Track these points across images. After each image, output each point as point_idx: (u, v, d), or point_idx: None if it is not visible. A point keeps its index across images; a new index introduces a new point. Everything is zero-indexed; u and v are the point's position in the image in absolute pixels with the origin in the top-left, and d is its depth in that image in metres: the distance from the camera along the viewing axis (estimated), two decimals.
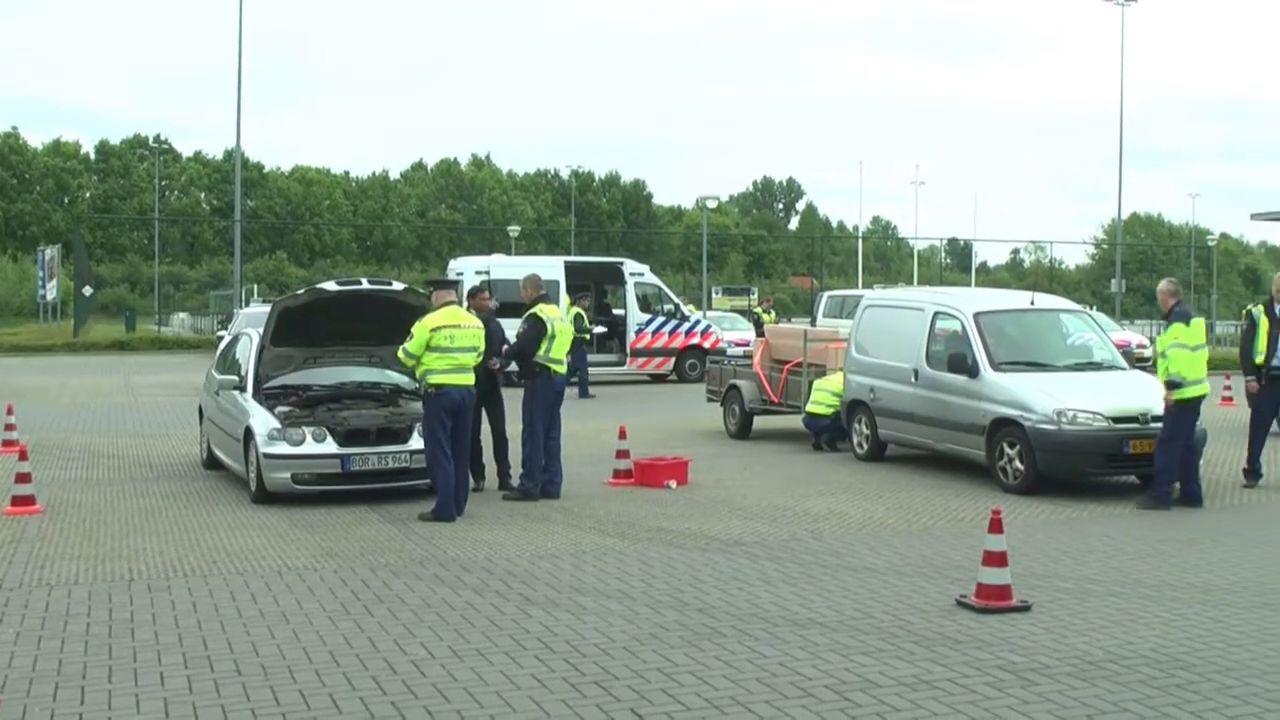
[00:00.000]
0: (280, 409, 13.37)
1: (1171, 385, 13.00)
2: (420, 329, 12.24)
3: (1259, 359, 14.52)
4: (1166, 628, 8.16)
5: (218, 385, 14.84)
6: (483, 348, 12.78)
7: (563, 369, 13.63)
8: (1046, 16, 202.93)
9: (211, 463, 15.37)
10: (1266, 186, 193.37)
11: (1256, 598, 9.07)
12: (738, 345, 33.37)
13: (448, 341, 12.22)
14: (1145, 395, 13.87)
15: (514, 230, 76.81)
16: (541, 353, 13.37)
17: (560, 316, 13.79)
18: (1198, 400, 13.11)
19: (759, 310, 43.35)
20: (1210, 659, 7.44)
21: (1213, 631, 8.08)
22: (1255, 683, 6.98)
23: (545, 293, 14.05)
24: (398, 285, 14.70)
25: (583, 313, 29.65)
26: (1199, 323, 13.38)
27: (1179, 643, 7.79)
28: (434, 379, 12.20)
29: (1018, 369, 14.51)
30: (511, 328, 14.45)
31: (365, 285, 14.61)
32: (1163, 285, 13.79)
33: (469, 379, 12.45)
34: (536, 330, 13.38)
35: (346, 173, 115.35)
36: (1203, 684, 6.94)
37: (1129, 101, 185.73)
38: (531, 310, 13.55)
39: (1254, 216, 39.70)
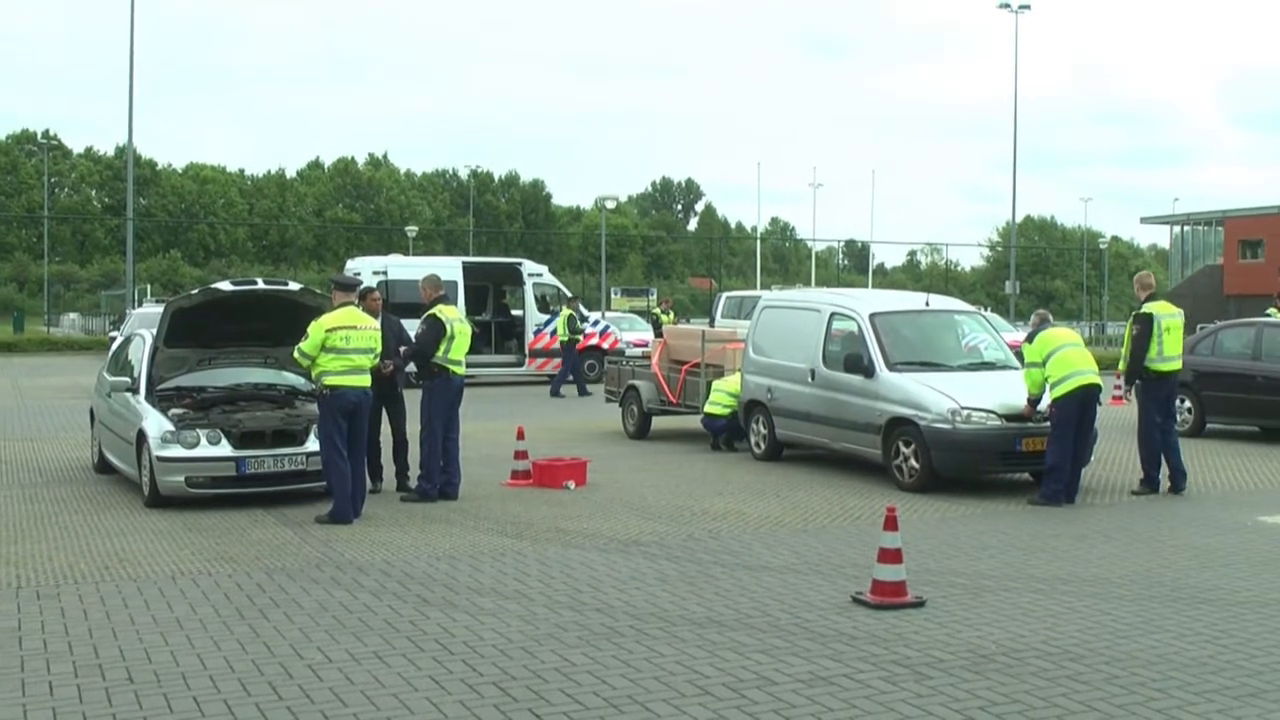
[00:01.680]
0: (174, 411, 13.18)
1: (1032, 403, 13.60)
2: (316, 329, 12.13)
3: (1165, 365, 14.28)
4: (1057, 621, 8.32)
5: (110, 387, 14.62)
6: (379, 349, 12.69)
7: (461, 369, 13.58)
8: (943, 20, 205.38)
9: (103, 466, 15.12)
10: (1156, 190, 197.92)
11: (1143, 590, 9.27)
12: (636, 346, 33.46)
13: (343, 342, 12.12)
14: None
15: (412, 230, 76.41)
16: (440, 353, 13.31)
17: (459, 317, 13.71)
18: (1076, 392, 13.36)
19: (658, 311, 43.47)
20: (1099, 650, 7.60)
21: (1101, 624, 8.25)
22: (1141, 672, 7.14)
23: (445, 293, 13.99)
24: (294, 285, 14.54)
25: (575, 315, 29.74)
26: (1045, 335, 13.68)
27: (1069, 635, 7.95)
28: (329, 380, 12.09)
29: (913, 369, 14.69)
30: (411, 328, 14.40)
31: (260, 285, 14.45)
32: (1032, 317, 14.20)
33: (365, 380, 12.36)
34: (435, 331, 13.31)
35: (242, 171, 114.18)
36: (1091, 675, 7.09)
37: (1024, 106, 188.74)
38: (431, 311, 13.47)
39: (1144, 220, 40.82)
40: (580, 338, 30.27)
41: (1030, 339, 13.81)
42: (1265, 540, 11.36)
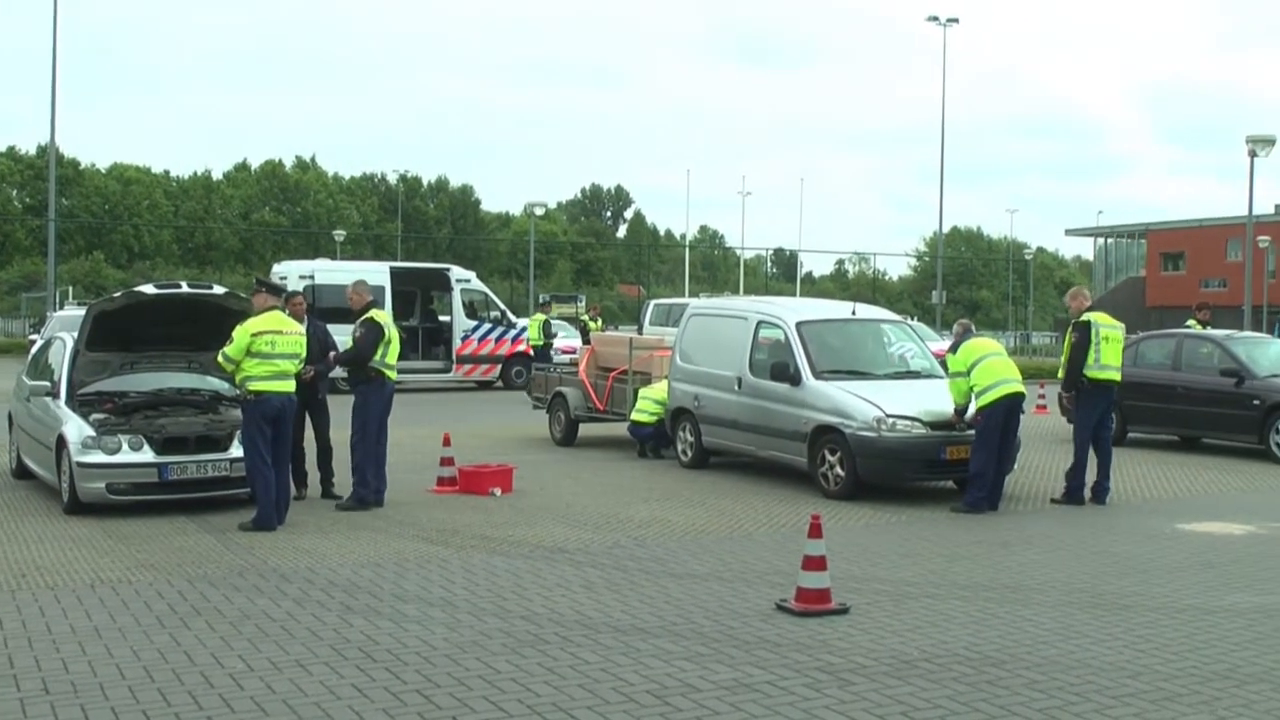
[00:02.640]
0: (95, 416, 13.01)
1: (959, 412, 13.75)
2: (241, 333, 12.02)
3: (1102, 374, 14.37)
4: (979, 627, 8.40)
5: (29, 391, 14.41)
6: (304, 354, 12.61)
7: (394, 374, 13.50)
8: (873, 32, 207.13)
9: (21, 472, 14.91)
10: (1081, 203, 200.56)
11: (1064, 596, 9.38)
12: (564, 353, 33.40)
13: (269, 347, 12.02)
14: None
15: (339, 235, 75.81)
16: (378, 357, 13.23)
17: (390, 322, 13.66)
18: (1002, 401, 13.49)
19: (586, 318, 43.44)
20: (1020, 655, 7.69)
21: (1022, 629, 8.34)
22: (1061, 677, 7.23)
23: (374, 299, 13.92)
24: (218, 289, 14.40)
25: (550, 321, 29.66)
26: (969, 345, 13.82)
27: (990, 641, 8.03)
28: (254, 385, 11.98)
29: (839, 377, 14.78)
30: (337, 333, 14.31)
31: (185, 289, 14.32)
32: (955, 327, 14.33)
33: (290, 386, 12.27)
34: (375, 334, 13.22)
35: (167, 172, 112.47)
36: (1012, 679, 7.17)
37: (952, 118, 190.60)
38: (367, 315, 13.38)
39: (1069, 231, 41.38)
40: (553, 343, 30.35)
41: (954, 349, 13.93)
42: (1183, 548, 11.54)
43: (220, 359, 12.22)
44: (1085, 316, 14.42)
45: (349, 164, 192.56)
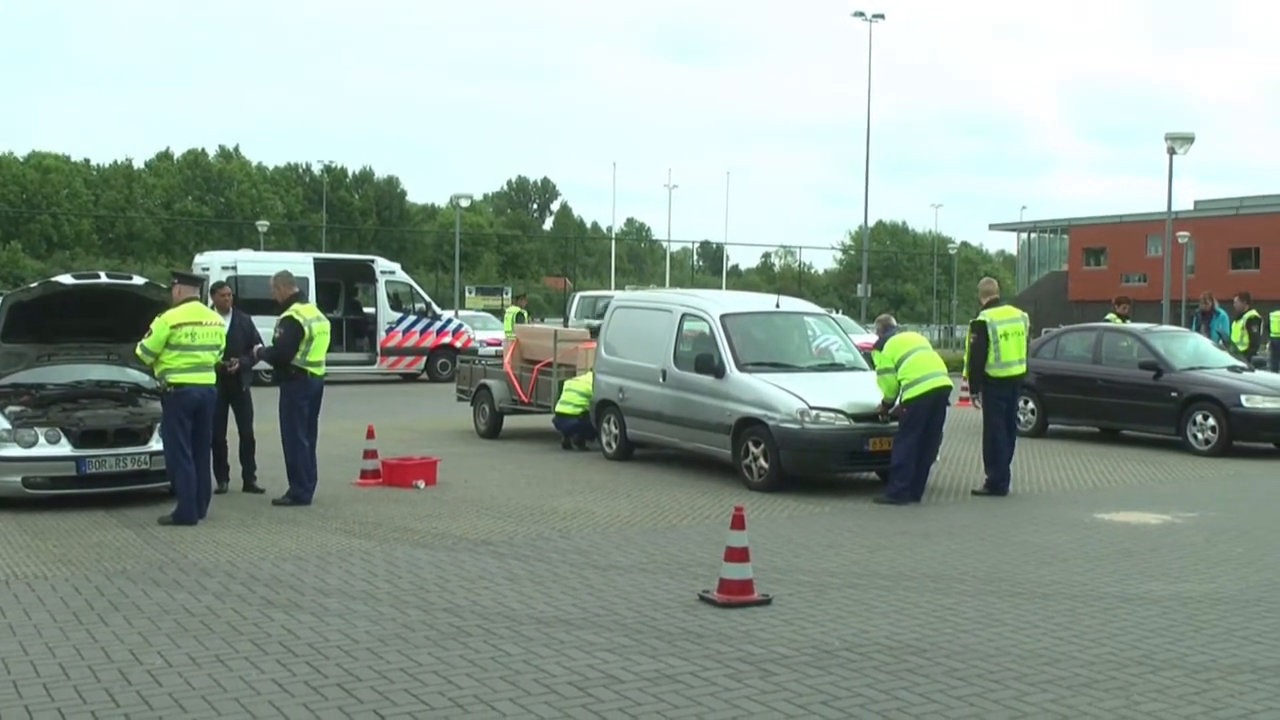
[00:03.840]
0: (11, 409, 12.79)
1: (886, 405, 13.85)
2: (160, 325, 11.87)
3: (1003, 371, 14.54)
4: (900, 616, 8.47)
5: None
6: (224, 345, 12.48)
7: (320, 370, 13.35)
8: (799, 25, 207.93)
9: None
10: (1004, 198, 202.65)
11: (984, 585, 9.48)
12: (490, 345, 33.34)
13: (189, 339, 11.88)
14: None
15: (263, 225, 75.00)
16: (299, 356, 13.10)
17: (317, 315, 13.47)
18: (929, 395, 13.60)
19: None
20: (939, 644, 7.76)
21: (943, 619, 8.42)
22: (979, 665, 7.31)
23: (299, 290, 13.76)
24: (138, 279, 14.21)
25: (524, 313, 29.46)
26: (895, 341, 13.87)
27: (911, 630, 8.10)
28: (174, 378, 11.84)
29: (763, 370, 14.85)
30: (261, 324, 14.16)
31: (104, 279, 14.11)
32: (875, 324, 14.44)
33: (210, 378, 12.14)
34: (294, 333, 13.06)
35: (87, 160, 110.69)
36: (932, 668, 7.24)
37: (879, 113, 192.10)
38: (287, 313, 13.21)
39: (992, 227, 41.79)
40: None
41: (880, 346, 13.99)
42: (1102, 537, 11.69)
43: (139, 351, 12.06)
44: (981, 316, 14.61)
45: (273, 154, 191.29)
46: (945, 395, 13.83)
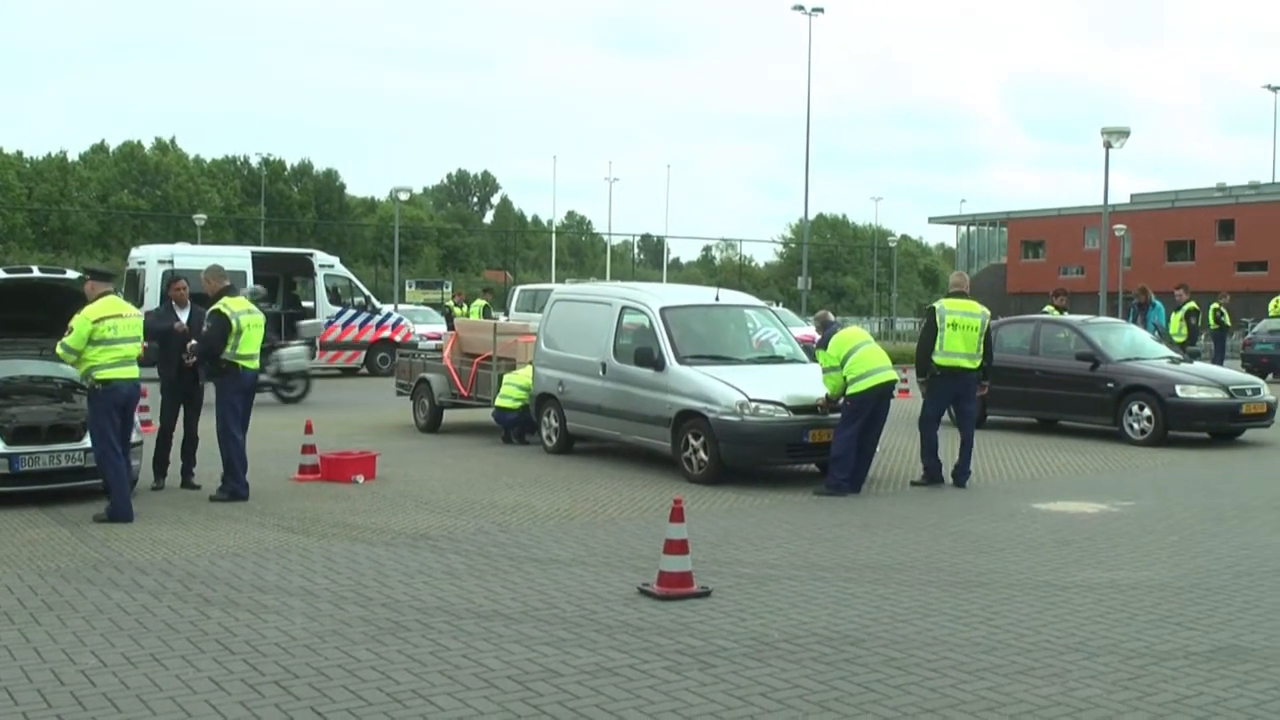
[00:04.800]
0: None
1: (829, 400, 13.89)
2: (81, 322, 11.67)
3: (946, 360, 14.53)
4: (838, 607, 8.50)
5: None
6: (143, 337, 12.32)
7: (253, 364, 13.24)
8: (739, 18, 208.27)
9: None
10: (944, 191, 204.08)
11: (922, 576, 9.53)
12: (429, 339, 33.21)
13: (111, 333, 11.72)
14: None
15: (200, 219, 74.27)
16: (229, 350, 12.98)
17: (248, 308, 13.36)
18: (874, 389, 13.65)
19: (451, 304, 43.24)
20: (878, 634, 7.79)
21: (881, 609, 8.46)
22: (917, 654, 7.35)
23: (230, 284, 13.64)
24: (72, 273, 14.05)
25: (489, 306, 29.30)
26: (840, 337, 13.87)
27: (849, 620, 8.13)
28: (101, 374, 11.67)
29: (702, 362, 14.85)
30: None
31: (36, 273, 13.95)
32: (815, 322, 14.49)
33: (135, 372, 11.99)
34: (221, 327, 12.96)
35: (19, 153, 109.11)
36: (870, 658, 7.27)
37: (820, 106, 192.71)
38: (215, 307, 13.11)
39: (932, 220, 42.08)
40: None
41: (824, 344, 13.97)
42: (1039, 526, 11.79)
43: (60, 351, 11.85)
44: (934, 303, 14.68)
45: (210, 146, 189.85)
46: (890, 389, 13.88)
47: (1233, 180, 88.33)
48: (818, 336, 14.50)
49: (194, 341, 13.53)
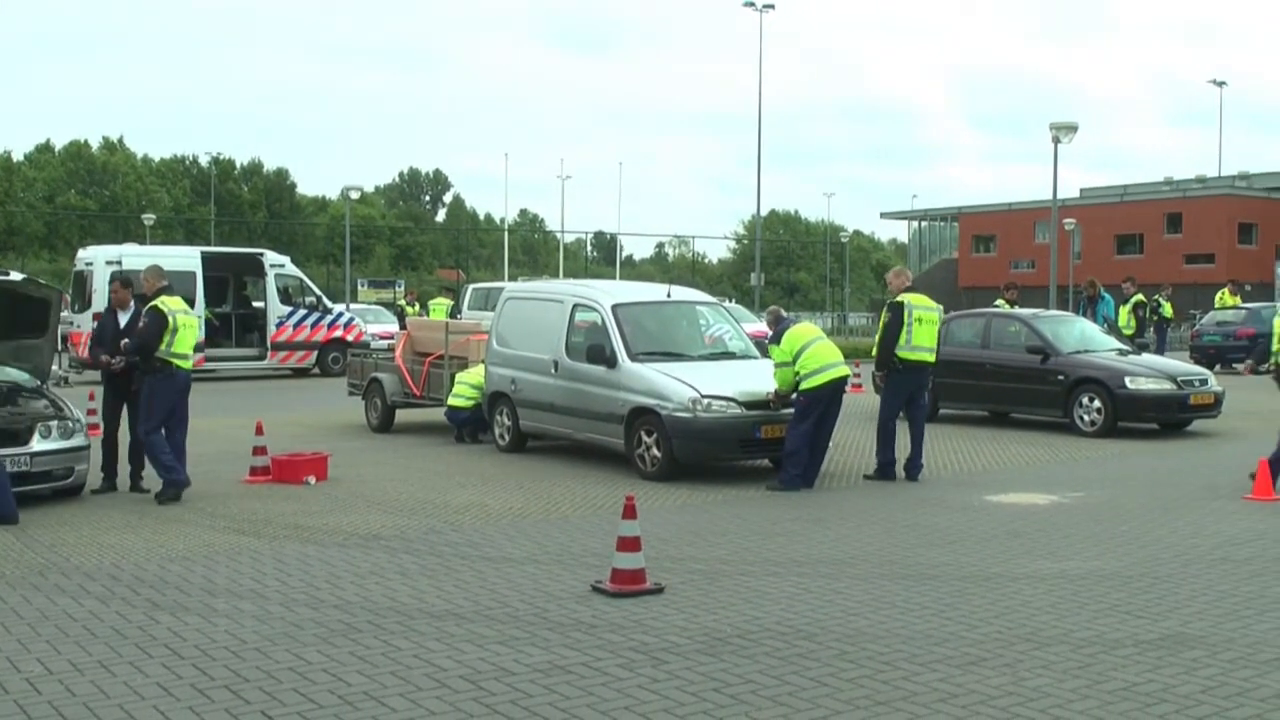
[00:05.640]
0: None
1: (779, 396, 13.88)
2: None
3: (913, 355, 14.63)
4: (791, 601, 8.51)
5: None
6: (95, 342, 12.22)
7: (187, 364, 13.14)
8: (690, 15, 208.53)
9: None
10: (896, 186, 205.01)
11: (875, 569, 9.56)
12: (382, 338, 33.10)
13: None
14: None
15: (149, 219, 73.65)
16: (164, 347, 12.87)
17: (184, 308, 13.24)
18: (827, 385, 13.68)
19: (403, 303, 43.09)
20: (830, 628, 7.81)
21: (834, 603, 8.48)
22: (870, 647, 7.37)
23: (168, 284, 13.46)
24: (15, 275, 13.89)
25: (454, 305, 29.19)
26: (793, 333, 13.87)
27: (802, 615, 8.14)
28: None
29: (655, 359, 14.84)
30: None
31: None
32: (766, 316, 14.49)
33: None
34: (157, 324, 12.86)
35: None
36: (823, 652, 7.28)
37: (771, 102, 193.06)
38: (152, 304, 13.01)
39: (884, 215, 42.27)
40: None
41: (777, 339, 13.99)
42: (991, 518, 11.85)
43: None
44: (899, 297, 14.69)
45: (159, 145, 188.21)
46: (843, 385, 13.91)
47: (1179, 174, 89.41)
48: (770, 332, 14.51)
49: (126, 340, 13.36)
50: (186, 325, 13.05)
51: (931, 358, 14.78)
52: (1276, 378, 14.75)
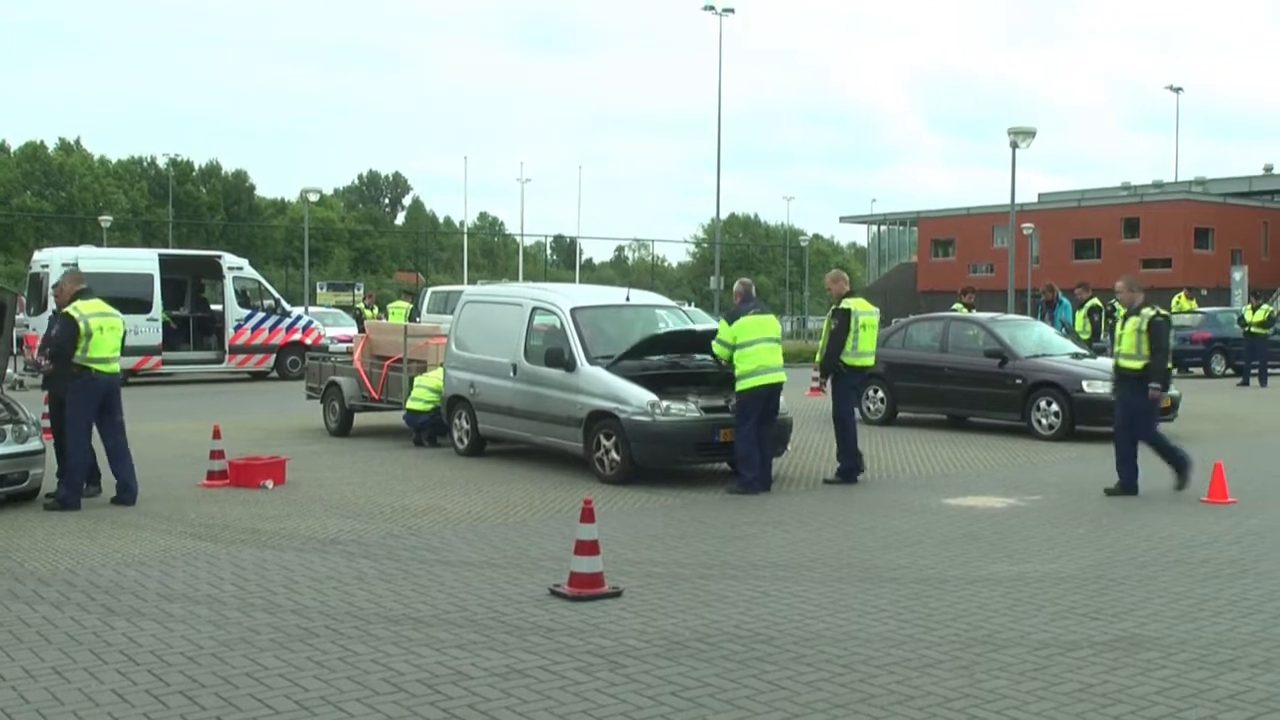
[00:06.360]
0: None
1: (717, 360, 14.06)
2: None
3: (858, 360, 14.76)
4: (749, 605, 8.52)
5: None
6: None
7: (110, 367, 12.80)
8: (650, 18, 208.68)
9: None
10: (855, 190, 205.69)
11: (832, 572, 9.59)
12: (341, 341, 32.95)
13: None
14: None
15: (106, 220, 73.08)
16: (79, 353, 12.59)
17: (103, 310, 12.86)
18: (760, 390, 13.68)
19: (362, 306, 42.94)
20: (788, 631, 7.82)
21: (792, 606, 8.49)
22: (827, 650, 7.39)
23: (85, 287, 13.18)
24: None
25: (413, 308, 29.10)
26: (744, 324, 13.85)
27: (760, 618, 8.15)
28: None
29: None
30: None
31: None
32: (736, 286, 14.51)
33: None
34: (68, 330, 12.58)
35: None
36: (780, 655, 7.29)
37: (732, 106, 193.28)
38: (65, 309, 12.75)
39: (843, 219, 42.43)
40: None
41: (731, 318, 14.00)
42: (949, 521, 11.90)
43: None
44: (845, 304, 14.74)
45: (116, 146, 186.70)
46: (778, 390, 13.92)
47: (1137, 179, 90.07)
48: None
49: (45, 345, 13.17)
50: (105, 328, 12.73)
51: (872, 361, 15.05)
52: None
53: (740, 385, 13.64)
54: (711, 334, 14.46)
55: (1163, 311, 13.95)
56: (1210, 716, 6.25)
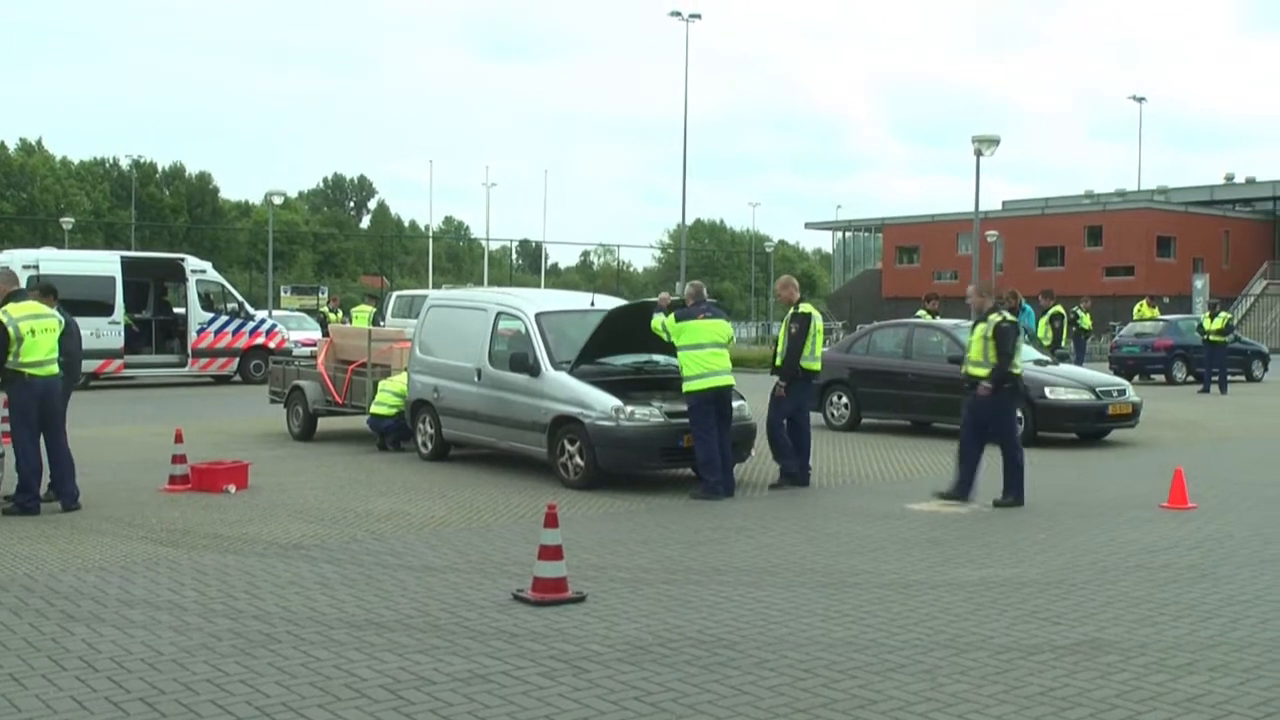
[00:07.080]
0: None
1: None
2: None
3: (814, 364, 14.94)
4: (712, 610, 8.53)
5: None
6: None
7: (46, 370, 12.46)
8: (617, 24, 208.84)
9: None
10: (821, 197, 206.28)
11: (796, 578, 9.60)
12: (305, 345, 32.83)
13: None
14: None
15: (68, 222, 72.57)
16: (11, 358, 12.27)
17: (37, 312, 12.50)
18: (707, 393, 13.69)
19: (326, 309, 42.80)
20: (751, 636, 7.83)
21: (755, 611, 8.50)
22: (790, 654, 7.40)
23: (18, 289, 12.94)
24: None
25: (377, 312, 28.99)
26: (691, 328, 13.87)
27: (723, 623, 8.16)
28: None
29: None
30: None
31: None
32: (687, 289, 14.56)
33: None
34: None
35: None
36: (743, 660, 7.30)
37: (698, 112, 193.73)
38: None
39: (808, 225, 42.52)
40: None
41: (680, 317, 13.98)
42: (912, 526, 11.95)
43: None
44: (804, 308, 14.80)
45: (78, 147, 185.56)
46: (728, 393, 13.92)
47: (1100, 188, 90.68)
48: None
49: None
50: (38, 330, 12.40)
51: (819, 366, 15.20)
52: None
53: (687, 387, 13.67)
54: (650, 305, 14.67)
55: (1009, 317, 13.91)
56: (1169, 719, 6.30)
